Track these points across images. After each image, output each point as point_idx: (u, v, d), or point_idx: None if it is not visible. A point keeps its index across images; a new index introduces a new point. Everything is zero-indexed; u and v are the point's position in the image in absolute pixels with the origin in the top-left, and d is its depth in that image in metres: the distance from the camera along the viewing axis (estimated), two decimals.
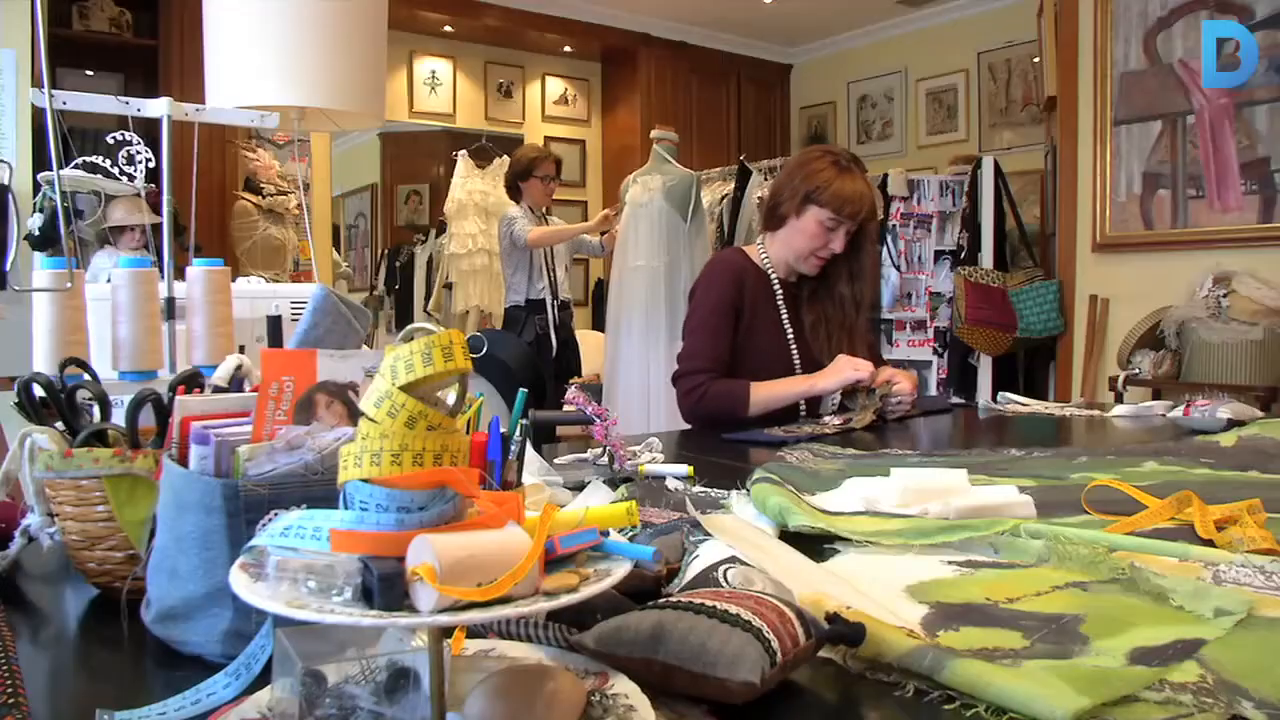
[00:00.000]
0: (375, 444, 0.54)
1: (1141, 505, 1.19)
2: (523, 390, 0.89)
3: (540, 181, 4.43)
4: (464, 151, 6.13)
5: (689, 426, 2.22)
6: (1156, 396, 2.36)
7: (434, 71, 6.14)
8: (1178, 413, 2.14)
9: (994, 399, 2.49)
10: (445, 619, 0.49)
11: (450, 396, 0.60)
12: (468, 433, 0.84)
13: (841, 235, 2.18)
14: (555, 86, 6.65)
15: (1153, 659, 0.75)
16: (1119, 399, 3.45)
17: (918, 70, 6.51)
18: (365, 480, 0.54)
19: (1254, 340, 3.23)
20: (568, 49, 6.53)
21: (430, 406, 0.55)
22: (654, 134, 4.28)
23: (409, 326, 0.55)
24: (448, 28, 6.01)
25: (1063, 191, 4.19)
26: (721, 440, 1.90)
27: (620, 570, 0.56)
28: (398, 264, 6.42)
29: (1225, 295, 3.32)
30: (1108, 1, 3.99)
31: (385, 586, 0.51)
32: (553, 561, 0.56)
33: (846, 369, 2.10)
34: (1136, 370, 3.55)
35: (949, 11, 6.24)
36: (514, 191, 4.57)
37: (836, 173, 2.17)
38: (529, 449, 1.16)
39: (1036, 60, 5.36)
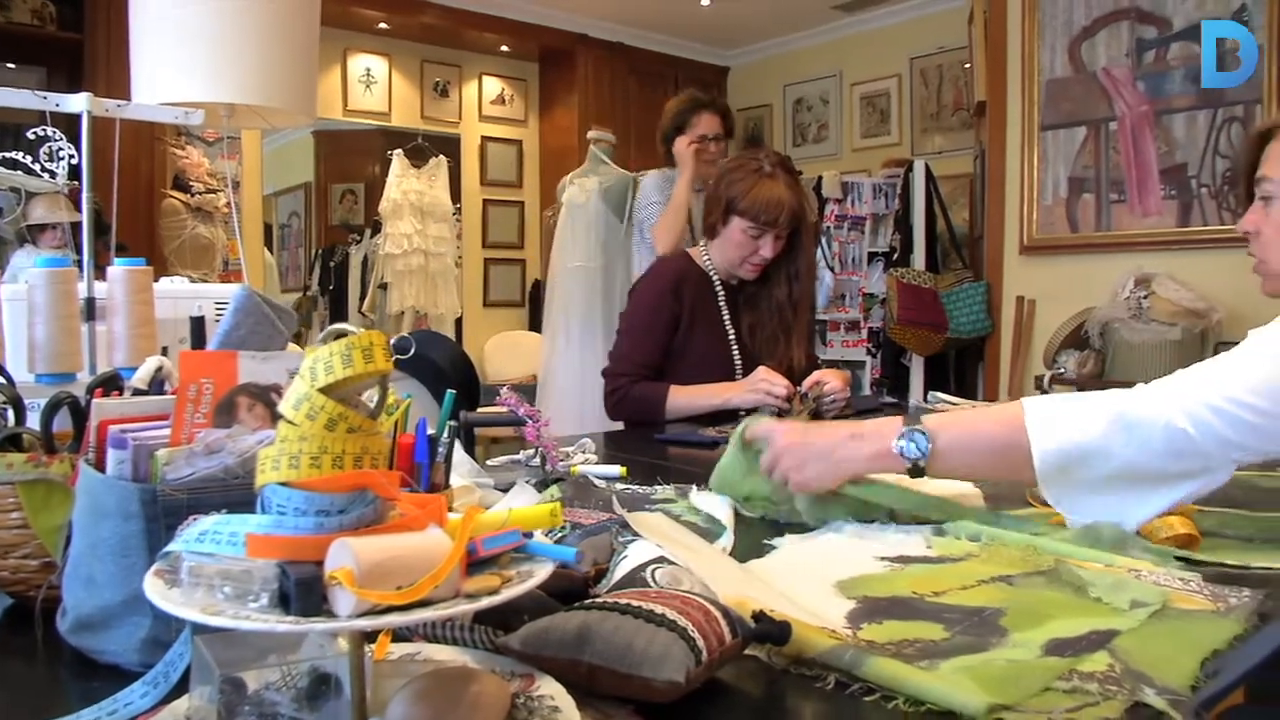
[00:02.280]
0: (294, 447, 0.53)
1: None
2: (450, 392, 0.88)
3: (695, 144, 3.33)
4: (399, 151, 6.06)
5: (622, 426, 2.23)
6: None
7: (369, 69, 6.07)
8: None
9: (925, 398, 2.53)
10: (363, 623, 0.49)
11: (373, 398, 0.60)
12: (395, 435, 0.83)
13: (769, 241, 2.19)
14: (492, 86, 6.61)
15: (1066, 650, 0.77)
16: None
17: (852, 74, 6.59)
18: (283, 484, 0.53)
19: (1173, 340, 3.34)
20: (505, 48, 6.50)
21: (351, 408, 0.54)
22: (590, 135, 4.27)
23: (330, 327, 0.55)
24: (383, 25, 5.94)
25: (991, 195, 4.28)
26: (654, 440, 1.91)
27: (543, 572, 0.56)
28: (332, 264, 6.33)
29: (1146, 297, 3.42)
30: (1035, 10, 4.09)
31: (302, 591, 0.50)
32: (475, 564, 0.56)
33: (761, 387, 2.08)
34: (1061, 369, 3.64)
35: (882, 17, 6.33)
36: (668, 157, 3.50)
37: (756, 180, 2.18)
38: (459, 451, 1.16)
39: (967, 66, 5.46)
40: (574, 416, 3.87)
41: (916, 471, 1.10)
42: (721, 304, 2.29)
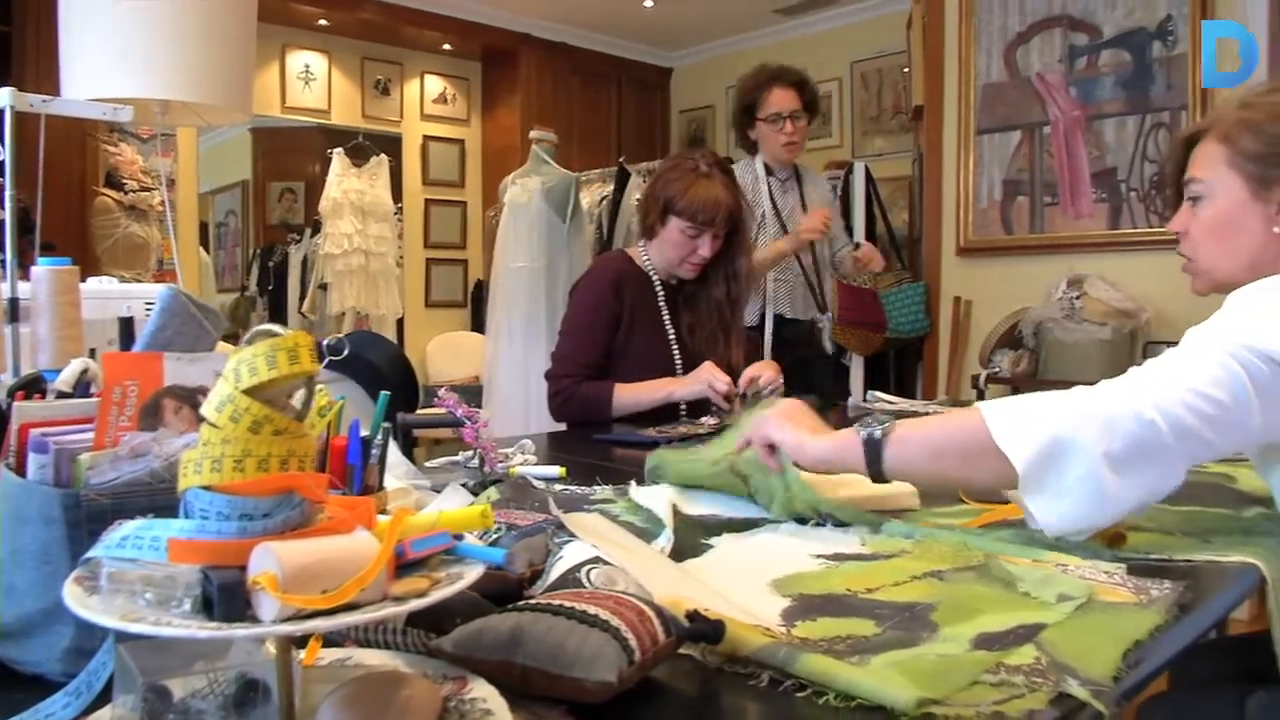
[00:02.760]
0: (216, 450, 0.52)
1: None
2: (384, 393, 0.88)
3: (768, 125, 3.00)
4: (340, 149, 5.98)
5: (566, 428, 2.23)
6: (1015, 393, 2.46)
7: (308, 66, 5.98)
8: None
9: (864, 397, 2.56)
10: (287, 628, 0.48)
11: (301, 400, 0.59)
12: (328, 437, 0.83)
13: (707, 241, 2.20)
14: (434, 85, 6.55)
15: (995, 644, 0.79)
16: (980, 396, 3.59)
17: None
18: (206, 487, 0.52)
19: (1103, 340, 3.42)
20: (447, 47, 6.44)
21: (276, 410, 0.53)
22: (533, 135, 4.26)
23: (255, 328, 0.54)
24: (322, 21, 5.86)
25: (928, 197, 4.34)
26: (595, 441, 1.91)
27: (472, 573, 0.55)
28: (271, 264, 6.22)
29: (1078, 297, 3.50)
30: (971, 16, 4.16)
31: (225, 597, 0.50)
32: (404, 566, 0.55)
33: (705, 379, 2.11)
34: (997, 369, 3.71)
35: (823, 21, 6.39)
36: (742, 141, 3.16)
37: (692, 180, 2.19)
38: (395, 452, 1.15)
39: (906, 70, 5.53)
40: (518, 417, 3.86)
41: (873, 448, 1.10)
42: (661, 304, 2.30)
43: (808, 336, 3.29)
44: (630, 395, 2.16)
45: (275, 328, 0.52)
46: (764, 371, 2.17)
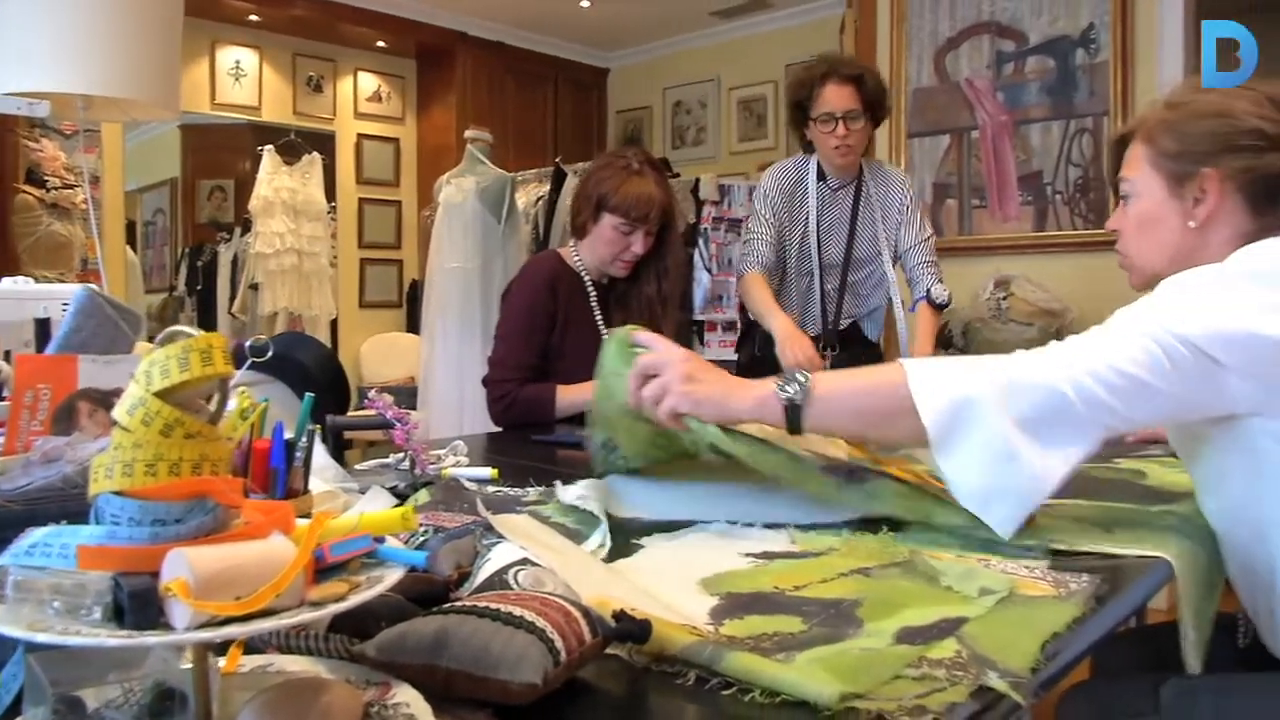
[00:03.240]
0: (128, 454, 0.51)
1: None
2: (309, 395, 0.86)
3: (820, 125, 2.60)
4: (270, 147, 5.88)
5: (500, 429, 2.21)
6: None
7: (238, 62, 5.86)
8: None
9: None
10: (198, 635, 0.47)
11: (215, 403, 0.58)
12: (251, 439, 0.81)
13: (640, 237, 2.21)
14: (368, 82, 6.47)
15: (917, 638, 0.80)
16: None
17: (730, 79, 6.70)
18: (117, 493, 0.51)
19: (1029, 339, 3.50)
20: (381, 44, 6.37)
21: (189, 413, 0.52)
22: (468, 134, 4.23)
23: (168, 329, 0.53)
24: (253, 17, 5.75)
25: None
26: (530, 442, 1.90)
27: (392, 576, 0.55)
28: (200, 263, 6.09)
29: (1005, 298, 3.58)
30: (902, 22, 4.23)
31: (136, 604, 0.49)
32: (324, 570, 0.55)
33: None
34: None
35: (758, 24, 6.45)
36: (802, 140, 2.77)
37: (625, 177, 2.20)
38: (324, 455, 1.13)
39: None
40: (453, 418, 3.83)
41: (794, 412, 1.11)
42: (594, 304, 2.29)
43: None
44: (573, 395, 2.15)
45: (188, 329, 0.51)
46: None
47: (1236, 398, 1.08)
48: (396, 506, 0.64)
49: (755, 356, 2.76)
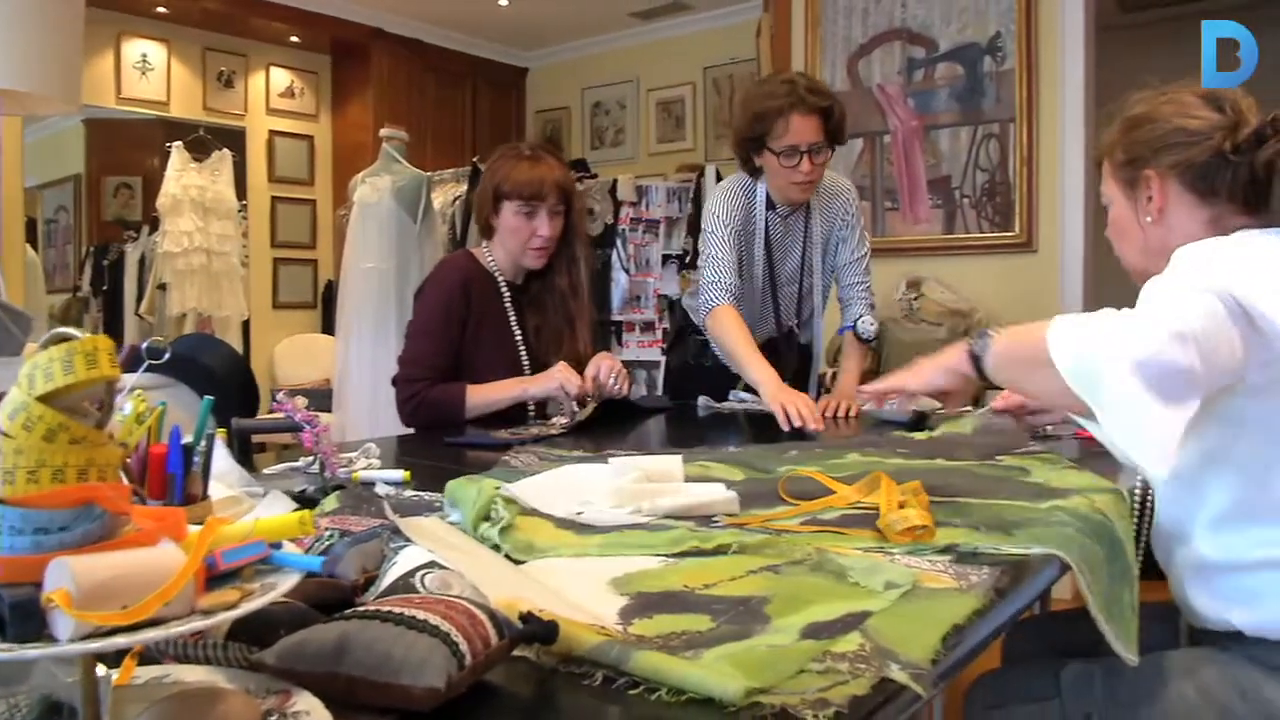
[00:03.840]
0: (9, 460, 0.50)
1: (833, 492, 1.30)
2: (207, 398, 0.84)
3: (780, 159, 2.37)
4: (179, 143, 5.72)
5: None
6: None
7: (145, 55, 5.69)
8: (871, 405, 2.33)
9: (727, 396, 2.59)
10: (82, 646, 0.46)
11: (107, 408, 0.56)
12: (147, 444, 0.79)
13: (544, 218, 2.20)
14: (281, 78, 6.34)
15: (823, 633, 0.81)
16: (825, 391, 3.71)
17: (649, 81, 6.72)
18: None
19: (939, 339, 3.58)
20: (295, 39, 6.24)
21: (75, 418, 0.51)
22: (383, 132, 4.18)
23: (52, 331, 0.51)
24: (161, 9, 5.58)
25: None
26: (445, 444, 1.88)
27: (287, 582, 0.54)
28: (105, 263, 5.89)
29: (916, 299, 3.66)
30: (817, 27, 4.29)
31: (18, 616, 0.47)
32: (216, 578, 0.54)
33: (558, 379, 2.12)
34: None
35: (677, 27, 6.49)
36: (747, 165, 2.49)
37: (516, 162, 2.20)
38: (227, 460, 1.11)
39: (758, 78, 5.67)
40: (368, 421, 3.78)
41: (976, 361, 1.32)
42: (507, 304, 2.27)
43: None
44: (482, 395, 2.13)
45: (73, 331, 0.50)
46: (602, 364, 2.20)
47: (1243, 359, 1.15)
48: (297, 511, 0.63)
49: (688, 364, 2.71)
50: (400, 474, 1.39)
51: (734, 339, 2.36)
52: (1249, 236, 1.29)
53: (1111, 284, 1.57)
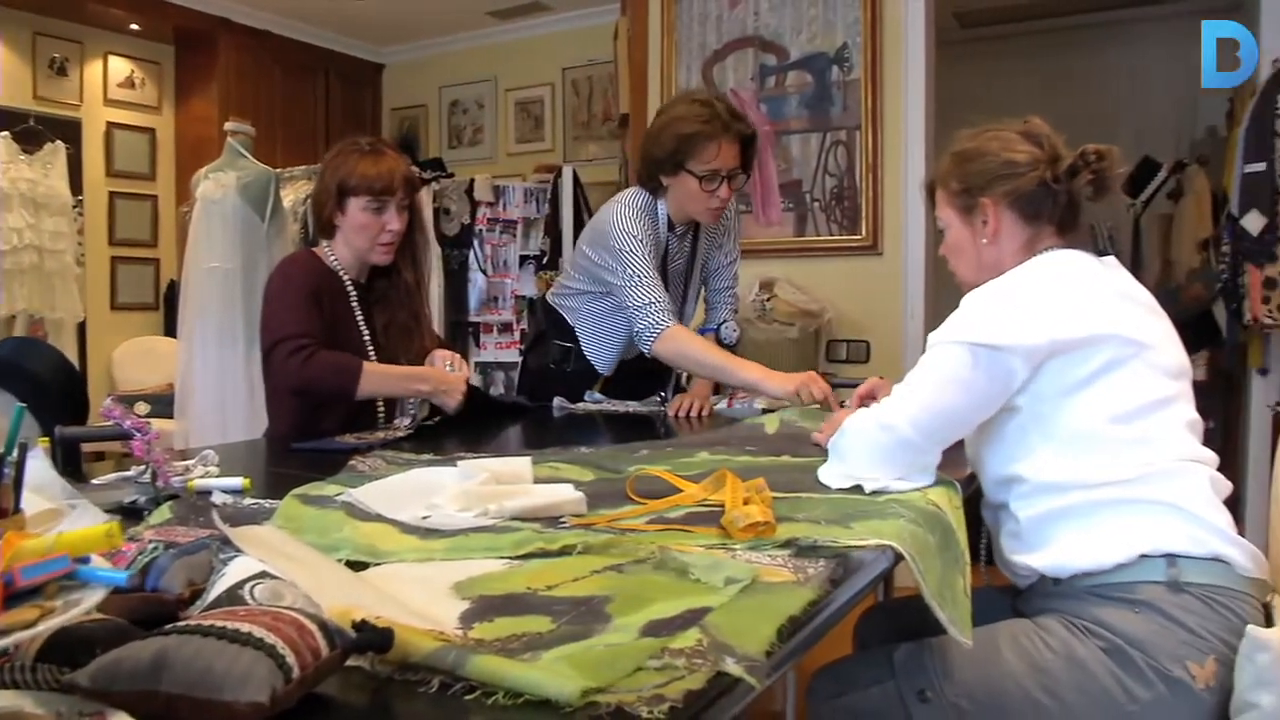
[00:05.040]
0: None
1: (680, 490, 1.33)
2: (19, 405, 0.80)
3: (699, 181, 2.35)
4: (7, 134, 5.36)
5: (262, 436, 2.11)
6: (716, 391, 2.61)
7: None
8: (722, 404, 2.39)
9: (583, 397, 2.60)
10: None
11: None
12: None
13: (393, 213, 2.16)
14: (120, 67, 6.02)
15: (662, 630, 0.82)
16: (681, 390, 3.76)
17: (507, 80, 6.68)
18: None
19: (791, 339, 3.69)
20: (135, 27, 5.94)
21: None
22: (228, 126, 4.03)
23: None
24: None
25: None
26: (290, 451, 1.83)
27: (92, 599, 0.52)
28: None
29: (769, 300, 3.76)
30: (673, 32, 4.35)
31: None
32: (16, 595, 0.51)
33: (442, 385, 2.09)
34: None
35: (536, 27, 6.46)
36: (651, 181, 2.45)
37: (359, 157, 2.15)
38: (47, 470, 1.05)
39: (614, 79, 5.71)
40: (215, 427, 3.63)
41: None
42: (354, 304, 2.21)
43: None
44: (379, 377, 2.07)
45: None
46: (435, 359, 2.21)
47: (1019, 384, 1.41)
48: (107, 523, 0.61)
49: (549, 368, 2.65)
50: (239, 482, 1.34)
51: (706, 354, 2.30)
52: (1051, 259, 1.52)
53: (951, 285, 1.70)
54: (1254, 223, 3.04)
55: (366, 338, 2.21)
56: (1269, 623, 1.32)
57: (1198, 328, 3.76)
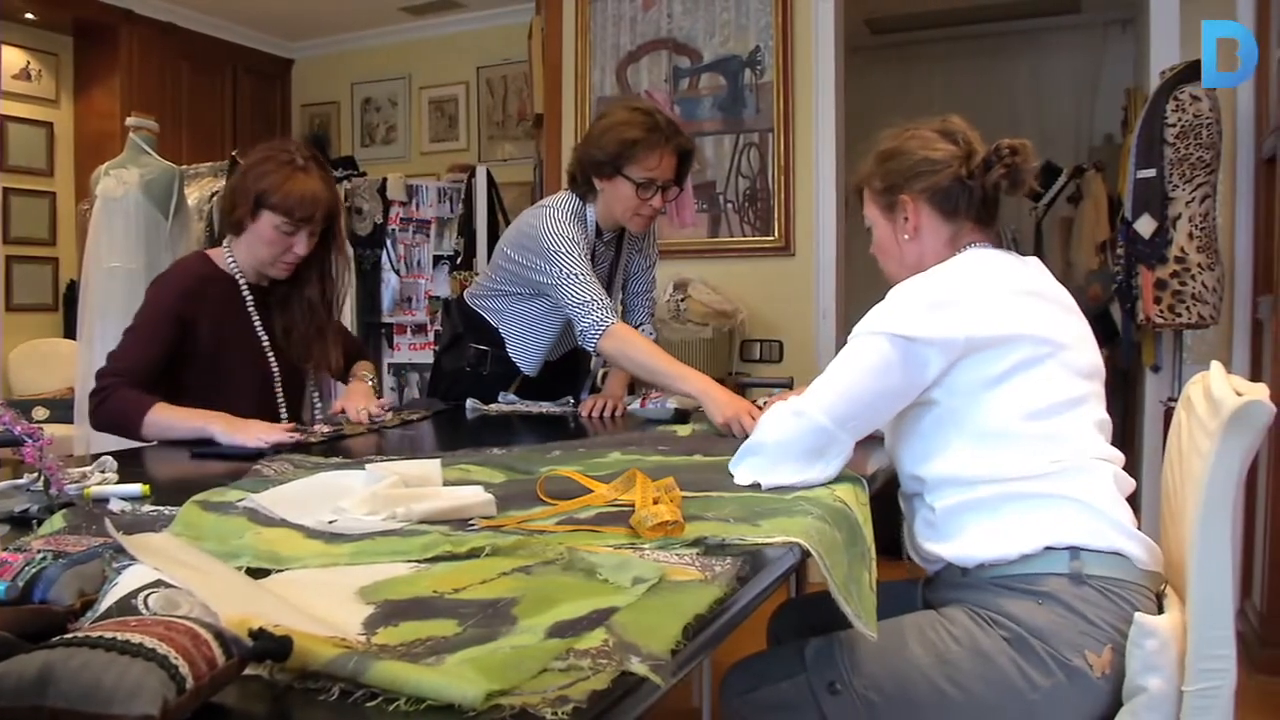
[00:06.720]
0: None
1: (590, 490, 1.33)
2: None
3: (634, 189, 2.36)
4: None
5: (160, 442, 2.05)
6: (631, 391, 2.63)
7: None
8: (635, 404, 2.40)
9: (498, 399, 2.58)
10: None
11: None
12: None
13: (303, 239, 2.09)
14: (15, 58, 5.78)
15: (568, 631, 0.82)
16: (595, 390, 3.77)
17: (421, 78, 6.60)
18: None
19: (705, 339, 3.72)
20: (30, 16, 5.71)
21: None
22: (130, 121, 3.90)
23: None
24: None
25: None
26: (193, 456, 1.78)
27: None
28: None
29: (683, 300, 3.79)
30: (587, 32, 4.36)
31: None
32: None
33: (256, 435, 1.85)
34: (609, 368, 3.91)
35: (450, 25, 6.39)
36: (584, 185, 2.44)
37: (289, 174, 2.06)
38: None
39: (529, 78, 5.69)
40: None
41: None
42: (250, 309, 2.16)
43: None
44: (166, 417, 1.93)
45: None
46: (349, 408, 2.18)
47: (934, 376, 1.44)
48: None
49: (465, 371, 2.62)
50: (138, 488, 1.31)
51: (650, 354, 2.24)
52: (973, 257, 1.56)
53: (861, 286, 1.75)
54: (1145, 226, 3.17)
55: (265, 342, 2.15)
56: (1160, 612, 1.37)
57: (1097, 327, 3.90)
